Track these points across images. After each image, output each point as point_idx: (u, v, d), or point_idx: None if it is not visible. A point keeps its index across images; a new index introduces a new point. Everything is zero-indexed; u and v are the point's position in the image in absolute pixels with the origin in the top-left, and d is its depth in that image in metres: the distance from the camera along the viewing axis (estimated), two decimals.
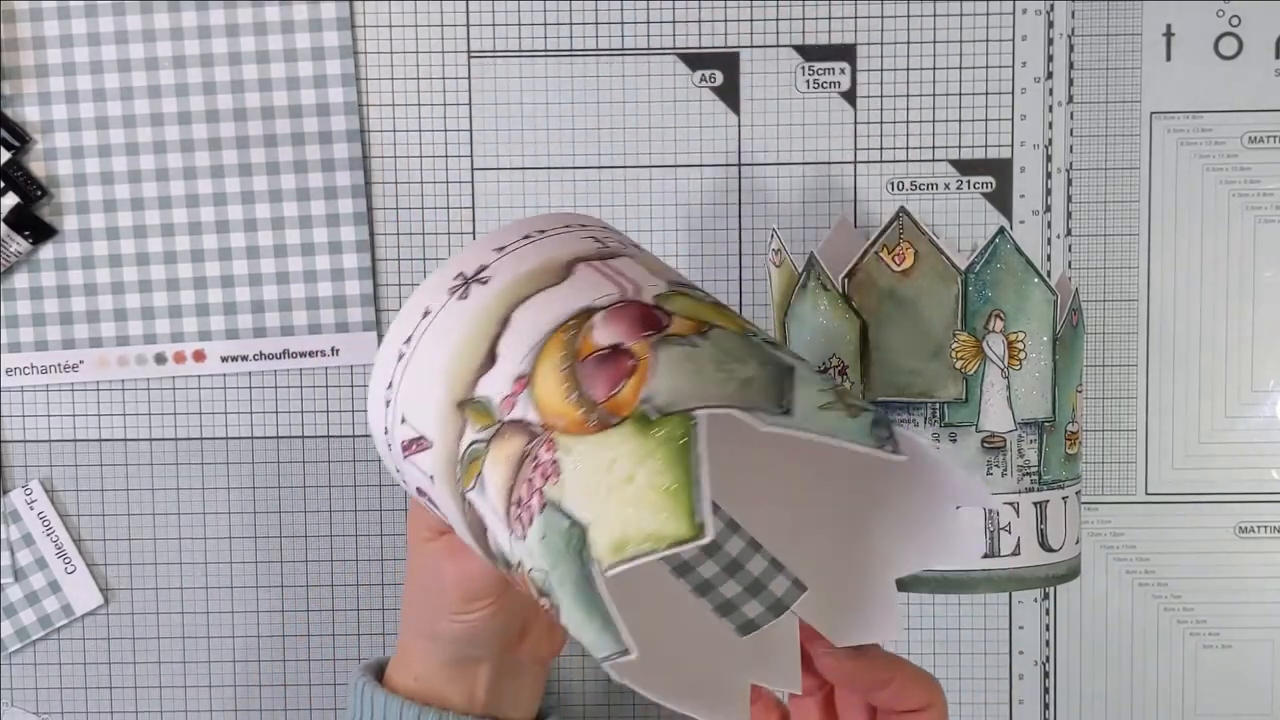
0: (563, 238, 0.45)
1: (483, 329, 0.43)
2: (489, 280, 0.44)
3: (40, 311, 0.67)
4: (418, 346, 0.44)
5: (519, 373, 0.41)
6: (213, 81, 0.66)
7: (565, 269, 0.43)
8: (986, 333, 0.56)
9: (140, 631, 0.69)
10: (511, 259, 0.44)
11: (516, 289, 0.43)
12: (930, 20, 0.66)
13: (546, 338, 0.41)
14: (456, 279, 0.44)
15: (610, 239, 0.46)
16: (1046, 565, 0.58)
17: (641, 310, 0.42)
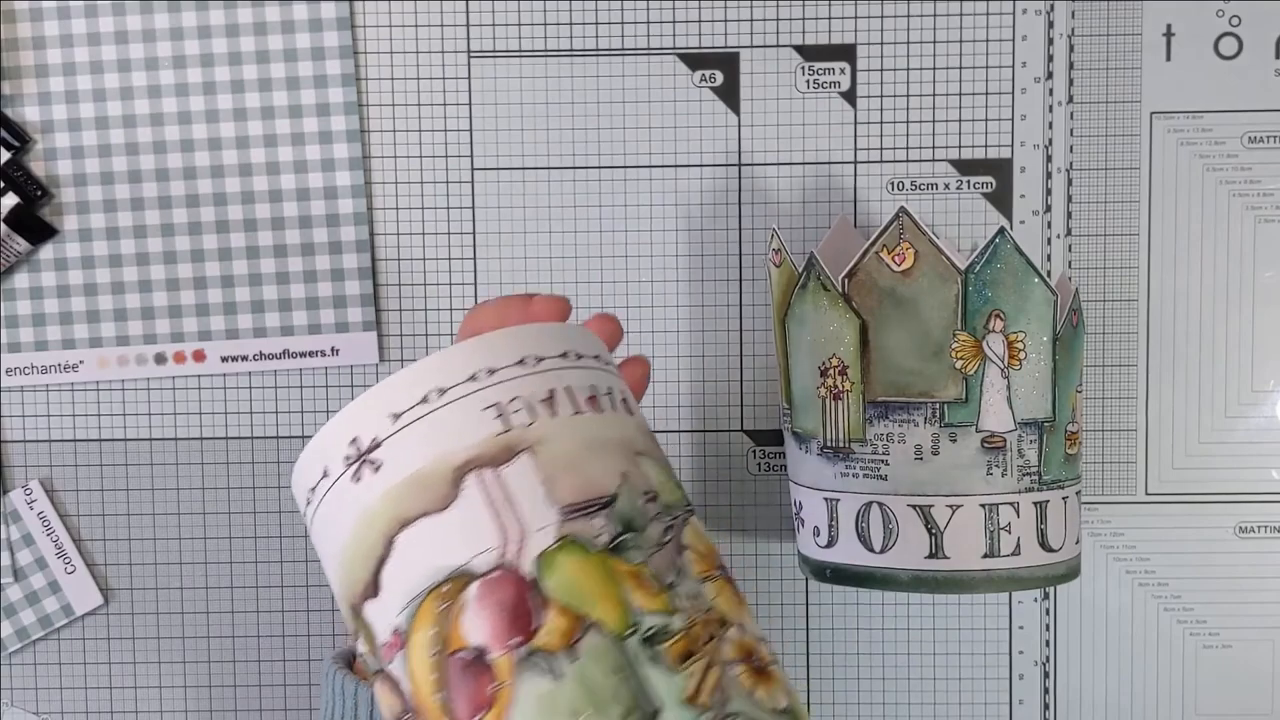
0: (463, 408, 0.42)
1: (369, 544, 0.41)
2: (380, 466, 0.41)
3: (40, 311, 0.67)
4: (319, 509, 0.43)
5: (396, 625, 0.40)
6: (213, 81, 0.66)
7: (454, 482, 0.41)
8: (986, 333, 0.56)
9: (140, 631, 0.69)
10: (403, 441, 0.41)
11: (403, 502, 0.41)
12: (930, 20, 0.66)
13: (422, 597, 0.40)
14: (351, 445, 0.42)
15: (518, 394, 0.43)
16: (1046, 565, 0.58)
17: (515, 593, 0.39)
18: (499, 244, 0.67)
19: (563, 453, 0.42)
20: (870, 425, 0.58)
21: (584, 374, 0.45)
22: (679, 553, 0.43)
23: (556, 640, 0.39)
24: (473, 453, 0.41)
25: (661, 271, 0.67)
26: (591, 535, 0.41)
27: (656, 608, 0.40)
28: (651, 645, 0.39)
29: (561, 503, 0.41)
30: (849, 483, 0.58)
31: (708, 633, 0.41)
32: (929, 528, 0.57)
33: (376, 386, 0.42)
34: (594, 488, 0.42)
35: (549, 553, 0.40)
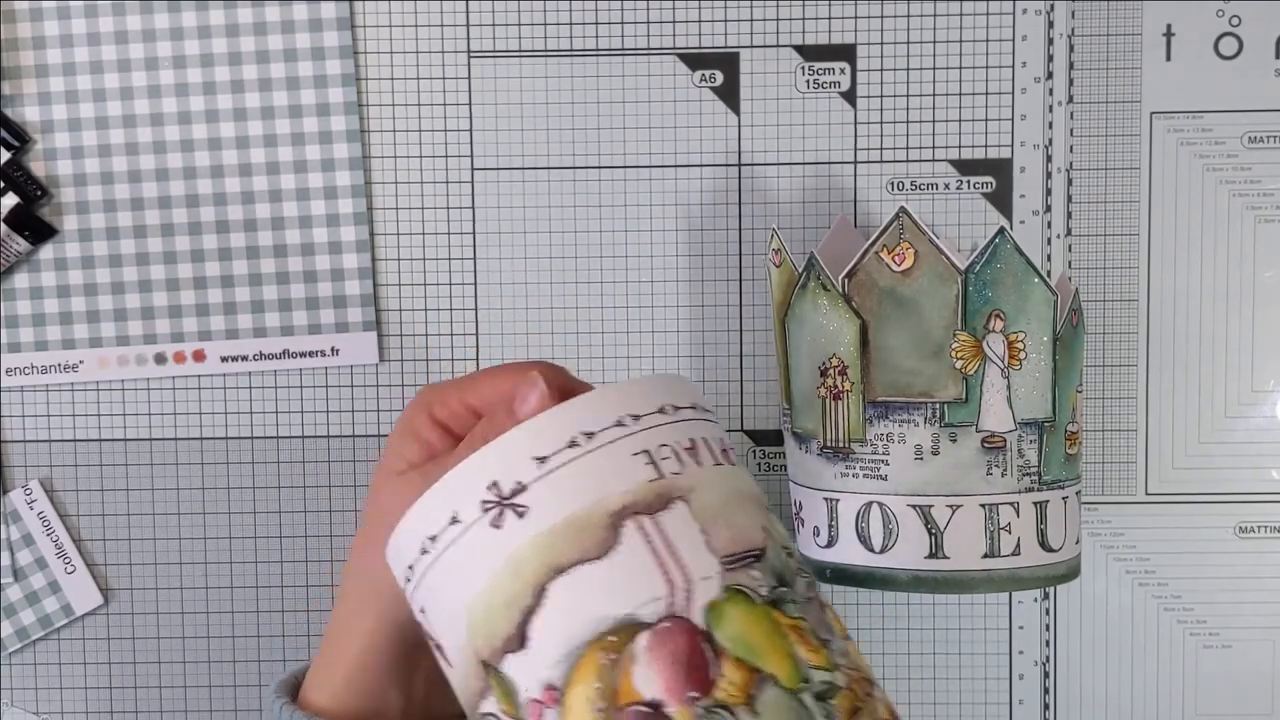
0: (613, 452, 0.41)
1: (513, 592, 0.40)
2: (526, 512, 0.40)
3: (40, 311, 0.67)
4: (443, 557, 0.42)
5: (550, 680, 0.39)
6: (213, 81, 0.66)
7: (611, 528, 0.40)
8: (986, 333, 0.56)
9: (140, 631, 0.69)
10: (553, 485, 0.40)
11: (555, 547, 0.40)
12: (930, 20, 0.66)
13: (583, 649, 0.39)
14: (490, 490, 0.41)
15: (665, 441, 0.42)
16: (1046, 565, 0.58)
17: (689, 644, 0.38)
18: (499, 244, 0.67)
19: (712, 503, 0.42)
20: (870, 425, 0.58)
21: (712, 427, 0.45)
22: (822, 609, 0.42)
23: (736, 694, 0.38)
24: (629, 498, 0.40)
25: (661, 271, 0.67)
26: (754, 586, 0.40)
27: (820, 664, 0.40)
28: (823, 701, 0.39)
29: (721, 553, 0.40)
30: (849, 483, 0.58)
31: (863, 690, 0.41)
32: (929, 528, 0.57)
33: (513, 431, 0.41)
34: (745, 539, 0.41)
35: (718, 603, 0.39)
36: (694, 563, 0.40)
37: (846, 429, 0.58)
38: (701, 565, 0.40)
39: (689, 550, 0.40)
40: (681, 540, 0.40)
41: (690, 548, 0.40)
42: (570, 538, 0.40)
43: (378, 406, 0.68)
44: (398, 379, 0.68)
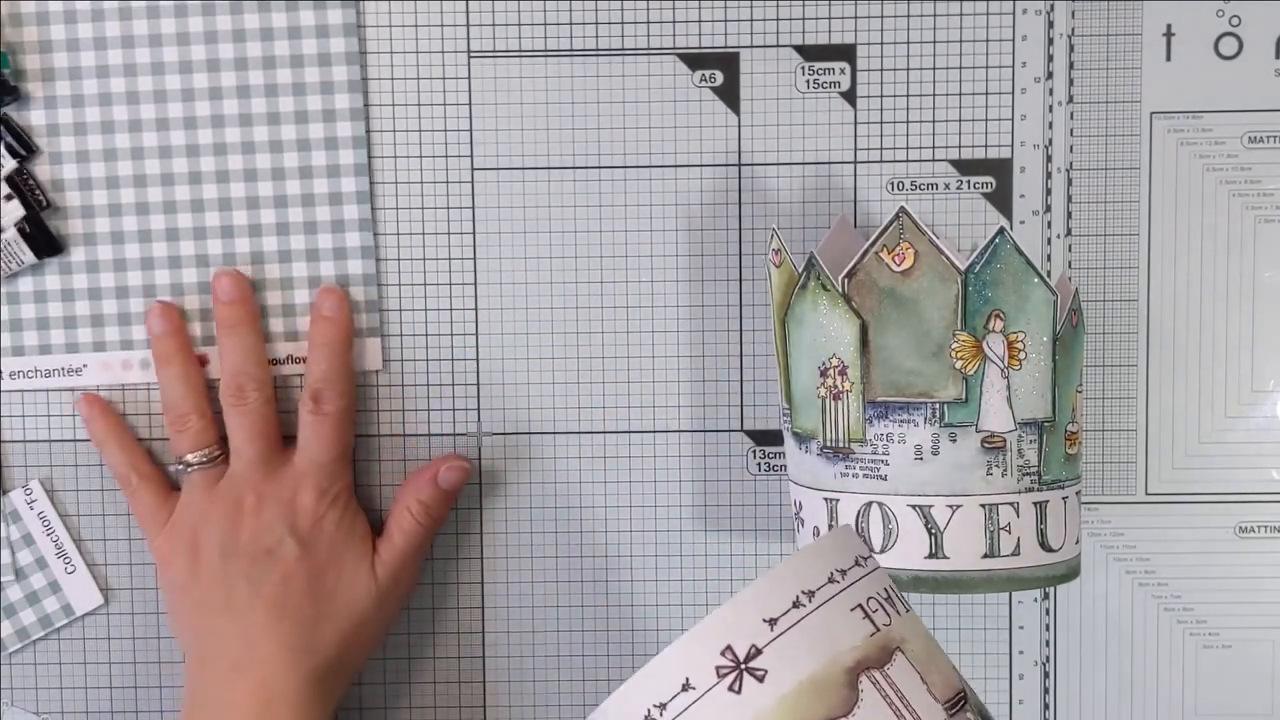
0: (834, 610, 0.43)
1: None
2: (764, 676, 0.41)
3: (44, 315, 0.67)
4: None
5: None
6: (219, 87, 0.66)
7: (849, 685, 0.42)
8: (986, 333, 0.56)
9: (140, 631, 0.69)
10: (787, 646, 0.42)
11: (802, 708, 0.41)
12: (930, 20, 0.66)
13: None
14: (725, 655, 0.42)
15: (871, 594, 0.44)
16: (1046, 565, 0.58)
17: None
18: (499, 244, 0.67)
19: (920, 650, 0.44)
20: (870, 425, 0.58)
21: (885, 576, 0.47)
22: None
23: None
24: (859, 654, 0.42)
25: (661, 271, 0.67)
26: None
27: None
28: None
29: (942, 700, 0.43)
30: (849, 483, 0.58)
31: None
32: (929, 528, 0.57)
33: (739, 596, 0.43)
34: (952, 685, 0.44)
35: None
36: (926, 712, 0.42)
37: (846, 429, 0.58)
38: (931, 713, 0.42)
39: (919, 701, 0.42)
40: (910, 691, 0.42)
41: (919, 698, 0.42)
42: (814, 698, 0.41)
43: (378, 406, 0.68)
44: (398, 379, 0.68)
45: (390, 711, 0.69)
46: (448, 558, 0.68)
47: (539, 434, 0.68)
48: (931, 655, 0.44)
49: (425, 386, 0.68)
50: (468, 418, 0.68)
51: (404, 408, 0.68)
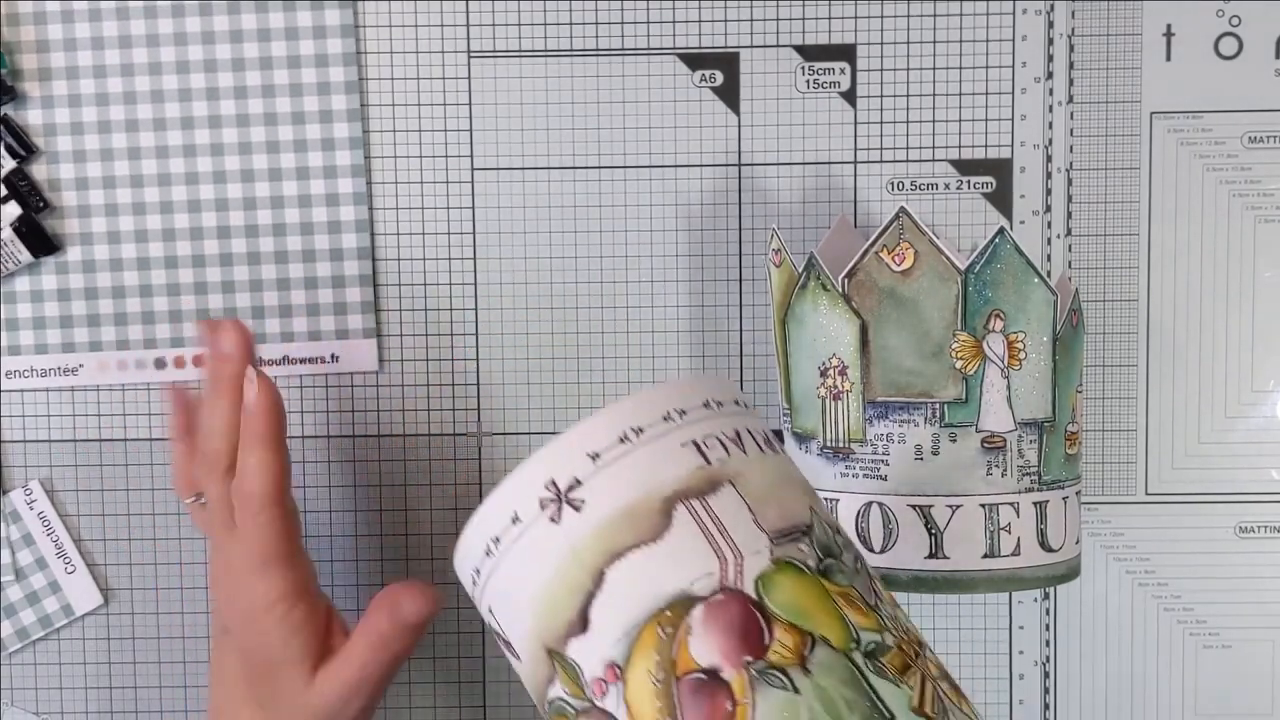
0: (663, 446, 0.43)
1: (575, 580, 0.41)
2: (582, 506, 0.42)
3: (40, 315, 0.67)
4: (506, 556, 0.43)
5: (612, 658, 0.40)
6: (216, 87, 0.66)
7: (664, 512, 0.42)
8: (986, 333, 0.56)
9: (140, 631, 0.69)
10: (607, 479, 0.42)
11: (612, 535, 0.41)
12: (930, 20, 0.66)
13: (641, 625, 0.40)
14: (548, 488, 0.43)
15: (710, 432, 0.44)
16: (1046, 565, 0.58)
17: (742, 612, 0.40)
18: (499, 244, 0.67)
19: (760, 485, 0.43)
20: (870, 425, 0.58)
21: (756, 420, 0.47)
22: (870, 579, 0.44)
23: (789, 656, 0.39)
24: (679, 485, 0.42)
25: (661, 271, 0.67)
26: (802, 558, 0.42)
27: (870, 625, 0.41)
28: (874, 659, 0.40)
29: (770, 529, 0.42)
30: (849, 483, 0.58)
31: (913, 650, 0.42)
32: (929, 528, 0.57)
33: (567, 432, 0.43)
34: (793, 516, 0.43)
35: (768, 574, 0.41)
36: (744, 539, 0.42)
37: (846, 429, 0.58)
38: (751, 541, 0.42)
39: (739, 528, 0.42)
40: (731, 519, 0.42)
41: (740, 525, 0.42)
42: (626, 525, 0.42)
43: (378, 407, 0.68)
44: (398, 379, 0.68)
45: (390, 711, 0.69)
46: (447, 558, 0.68)
47: (539, 434, 0.68)
48: (774, 492, 0.44)
49: (425, 386, 0.68)
50: (468, 418, 0.68)
51: (403, 408, 0.68)
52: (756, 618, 0.40)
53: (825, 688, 0.39)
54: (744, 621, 0.40)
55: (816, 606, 0.41)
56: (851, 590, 0.42)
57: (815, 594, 0.41)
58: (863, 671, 0.40)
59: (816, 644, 0.40)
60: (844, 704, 0.39)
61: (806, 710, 0.38)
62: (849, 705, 0.39)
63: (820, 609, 0.41)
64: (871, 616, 0.42)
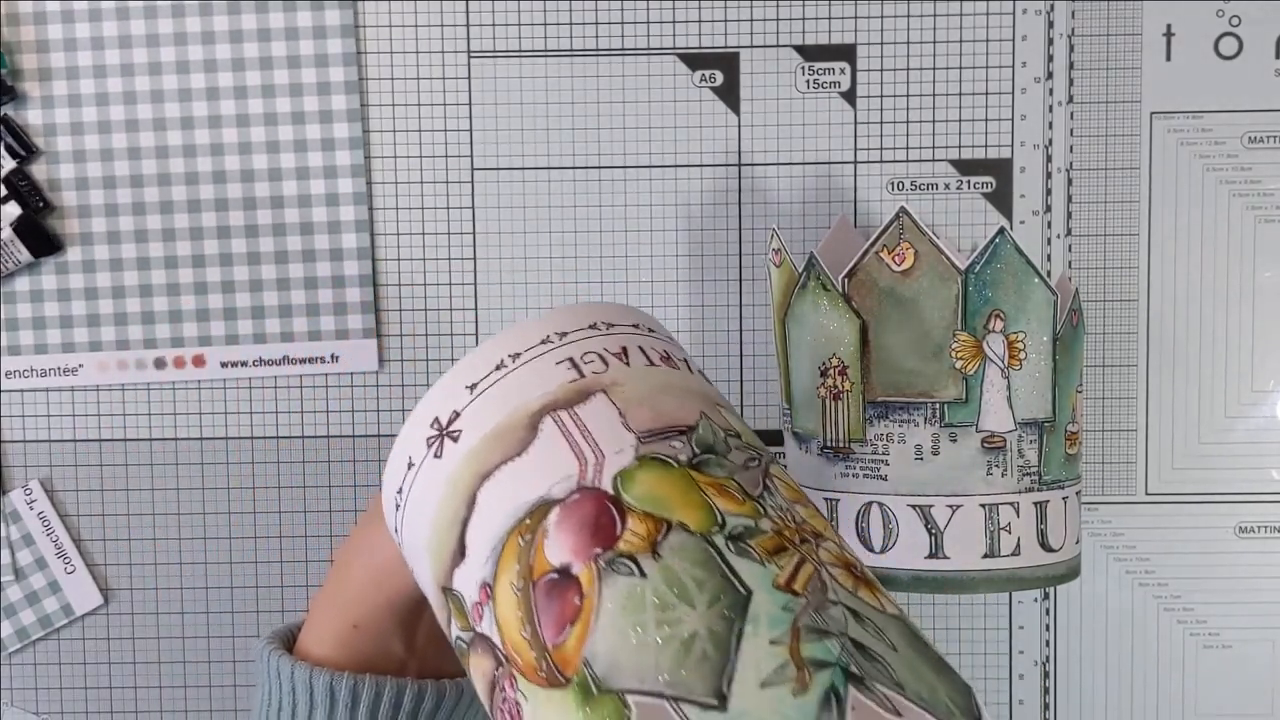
0: (536, 366, 0.42)
1: (453, 509, 0.41)
2: (459, 435, 0.42)
3: (40, 315, 0.67)
4: (407, 504, 0.43)
5: (483, 578, 0.40)
6: (216, 87, 0.66)
7: (531, 426, 0.41)
8: (986, 333, 0.56)
9: (140, 631, 0.69)
10: (481, 405, 0.42)
11: (483, 456, 0.41)
12: (930, 20, 0.66)
13: (505, 538, 0.39)
14: (432, 427, 0.42)
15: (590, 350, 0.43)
16: (1046, 565, 0.58)
17: (596, 507, 0.39)
18: (499, 244, 0.67)
19: (636, 392, 0.42)
20: (870, 425, 0.58)
21: (656, 341, 0.45)
22: (765, 476, 0.42)
23: (639, 543, 0.38)
24: (548, 399, 0.41)
25: (661, 271, 0.67)
26: (671, 454, 0.40)
27: (743, 512, 0.39)
28: (739, 541, 0.38)
29: (639, 429, 0.41)
30: (849, 483, 0.58)
31: (800, 536, 0.40)
32: (929, 528, 0.57)
33: (451, 369, 0.43)
34: (671, 418, 0.41)
35: (628, 470, 0.39)
36: (609, 440, 0.40)
37: (846, 429, 0.58)
38: (616, 441, 0.40)
39: (603, 430, 0.40)
40: (597, 424, 0.41)
41: (605, 428, 0.41)
42: (494, 445, 0.41)
43: (378, 407, 0.68)
44: (398, 380, 0.68)
45: None
46: None
47: None
48: (652, 398, 0.42)
49: (425, 387, 0.68)
50: None
51: (403, 408, 0.68)
52: (610, 511, 0.39)
53: (673, 569, 0.37)
54: (597, 516, 0.39)
55: (677, 496, 0.39)
56: (730, 481, 0.40)
57: (679, 484, 0.39)
58: (721, 552, 0.38)
59: (672, 529, 0.38)
60: (693, 583, 0.37)
61: (652, 592, 0.37)
62: (698, 584, 0.37)
63: (681, 498, 0.39)
64: (748, 504, 0.40)
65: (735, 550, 0.38)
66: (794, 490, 0.43)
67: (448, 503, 0.41)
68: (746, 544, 0.38)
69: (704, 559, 0.37)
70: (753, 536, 0.38)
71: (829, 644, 0.36)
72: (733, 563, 0.37)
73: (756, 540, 0.38)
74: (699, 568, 0.37)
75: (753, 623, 0.36)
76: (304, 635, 0.50)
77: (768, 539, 0.39)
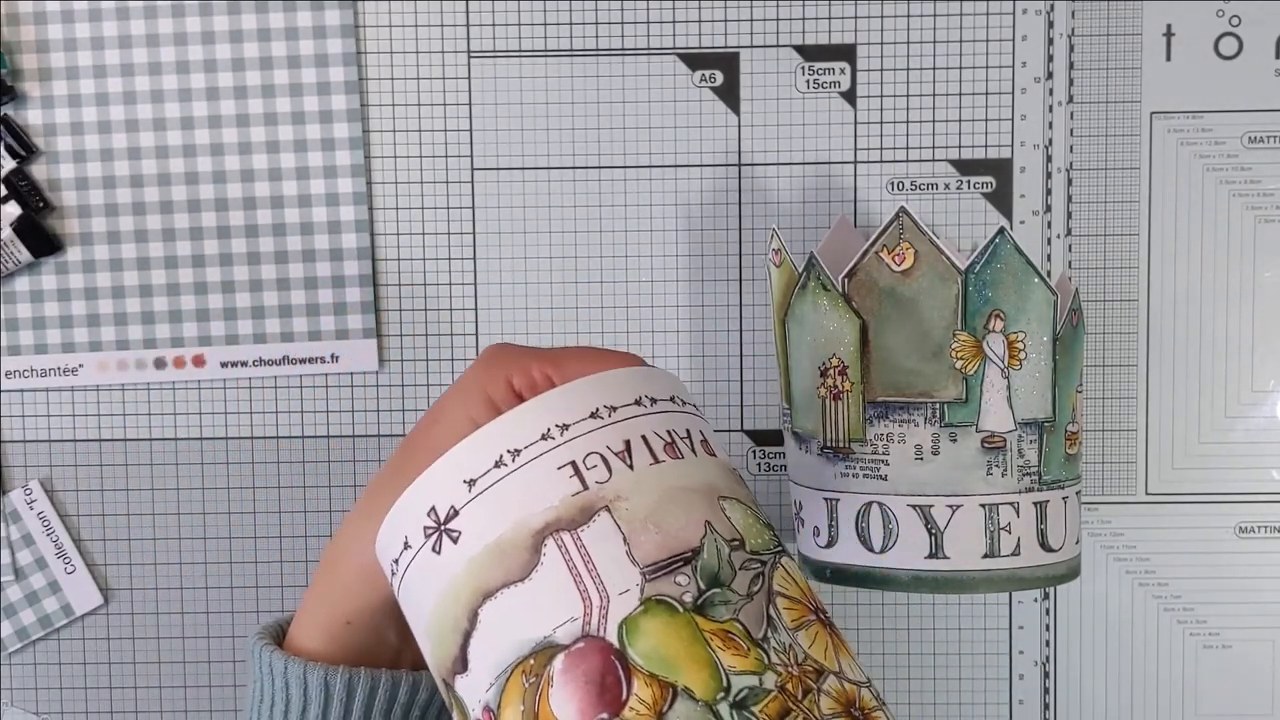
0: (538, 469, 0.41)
1: (455, 617, 0.40)
2: (459, 536, 0.41)
3: (40, 315, 0.67)
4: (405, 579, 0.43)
5: (486, 701, 0.40)
6: (215, 87, 0.66)
7: (534, 549, 0.40)
8: (986, 333, 0.56)
9: (140, 631, 0.69)
10: (480, 509, 0.41)
11: (483, 573, 0.40)
12: (930, 20, 0.66)
13: (509, 671, 0.39)
14: (430, 516, 0.42)
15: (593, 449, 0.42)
16: (1046, 565, 0.58)
17: (602, 663, 0.38)
18: (499, 244, 0.67)
19: (642, 508, 0.41)
20: (870, 425, 0.58)
21: (660, 419, 0.44)
22: (769, 601, 0.41)
23: (646, 712, 0.38)
24: (550, 516, 0.40)
25: (661, 271, 0.67)
26: (677, 594, 0.40)
27: (747, 668, 0.39)
28: (744, 709, 0.38)
29: (644, 562, 0.40)
30: (849, 483, 0.58)
31: (803, 687, 0.40)
32: (929, 528, 0.57)
33: (449, 453, 0.42)
34: (676, 543, 0.41)
35: (633, 618, 0.39)
36: (612, 577, 0.40)
37: (846, 429, 0.58)
38: (620, 579, 0.40)
39: (608, 564, 0.40)
40: (601, 554, 0.40)
41: (610, 561, 0.40)
42: (496, 561, 0.40)
43: (378, 407, 0.68)
44: (398, 380, 0.68)
45: None
46: None
47: None
48: (658, 513, 0.41)
49: (425, 386, 0.68)
50: None
51: (403, 408, 0.68)
52: (616, 669, 0.38)
53: None
54: (602, 674, 0.38)
55: (683, 652, 0.39)
56: (733, 625, 0.40)
57: (684, 637, 0.39)
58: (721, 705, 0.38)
59: (678, 697, 0.38)
60: None
61: None
62: None
63: (687, 654, 0.38)
64: (753, 654, 0.39)
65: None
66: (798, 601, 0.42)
67: (448, 609, 0.41)
68: (749, 712, 0.38)
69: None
70: (757, 701, 0.38)
71: None
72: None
73: (760, 706, 0.38)
74: None
75: None
76: (294, 629, 0.50)
77: (772, 701, 0.38)
